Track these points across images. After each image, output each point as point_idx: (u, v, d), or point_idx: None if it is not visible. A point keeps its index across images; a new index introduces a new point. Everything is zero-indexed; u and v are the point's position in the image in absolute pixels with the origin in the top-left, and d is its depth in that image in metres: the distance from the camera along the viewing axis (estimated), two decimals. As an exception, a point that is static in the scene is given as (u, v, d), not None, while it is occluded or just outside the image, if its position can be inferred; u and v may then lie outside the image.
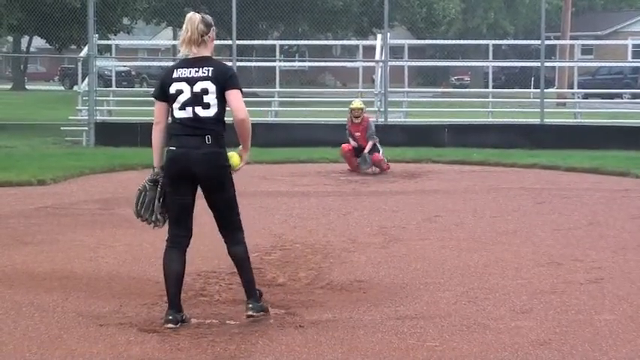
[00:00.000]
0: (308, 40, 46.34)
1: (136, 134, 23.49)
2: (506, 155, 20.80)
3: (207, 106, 6.75)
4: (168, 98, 6.86)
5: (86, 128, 24.07)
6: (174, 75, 6.83)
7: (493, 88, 31.56)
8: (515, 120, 25.92)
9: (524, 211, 13.22)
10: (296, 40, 46.00)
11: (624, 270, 9.20)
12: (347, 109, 27.74)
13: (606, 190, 15.63)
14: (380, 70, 26.14)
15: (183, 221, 7.00)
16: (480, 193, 15.32)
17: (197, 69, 6.78)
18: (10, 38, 52.28)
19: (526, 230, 11.56)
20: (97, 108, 25.33)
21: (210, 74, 6.76)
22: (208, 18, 6.93)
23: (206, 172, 6.80)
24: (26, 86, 54.82)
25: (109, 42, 32.48)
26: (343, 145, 18.51)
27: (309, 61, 57.47)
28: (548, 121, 24.49)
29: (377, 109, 24.94)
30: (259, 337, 6.70)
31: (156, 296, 7.84)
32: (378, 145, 18.29)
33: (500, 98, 32.82)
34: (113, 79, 33.01)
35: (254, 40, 37.31)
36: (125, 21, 36.99)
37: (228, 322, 7.08)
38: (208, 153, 6.77)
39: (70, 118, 26.33)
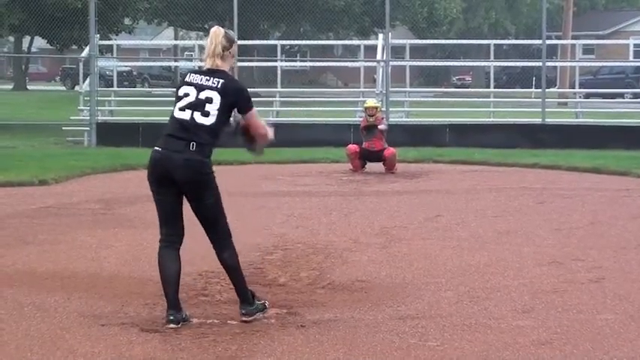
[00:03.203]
0: (309, 40, 46.34)
1: (138, 134, 23.51)
2: (508, 155, 20.80)
3: (206, 114, 6.87)
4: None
5: (88, 128, 24.09)
6: (187, 79, 7.04)
7: (494, 87, 31.56)
8: (517, 120, 25.93)
9: (525, 211, 13.22)
10: (297, 40, 45.98)
11: (625, 269, 9.20)
12: (349, 109, 28.04)
13: (607, 189, 15.63)
14: (381, 69, 26.14)
15: (171, 221, 7.05)
16: (481, 192, 15.33)
17: (208, 78, 6.95)
18: (11, 38, 52.29)
19: (527, 230, 11.56)
20: (99, 108, 25.36)
21: (219, 86, 6.91)
22: (231, 34, 7.13)
23: (184, 177, 6.86)
24: (27, 86, 54.81)
25: (110, 42, 32.48)
26: (349, 146, 18.55)
27: (311, 61, 57.46)
28: (549, 120, 24.50)
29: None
30: (261, 337, 6.70)
31: (157, 296, 7.83)
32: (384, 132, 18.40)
33: (501, 98, 32.83)
34: (114, 79, 33.04)
35: (255, 40, 37.32)
36: (126, 21, 37.01)
37: (229, 321, 7.09)
38: (189, 159, 6.83)
39: (72, 118, 26.34)
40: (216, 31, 7.06)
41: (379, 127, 18.36)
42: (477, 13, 65.91)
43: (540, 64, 25.63)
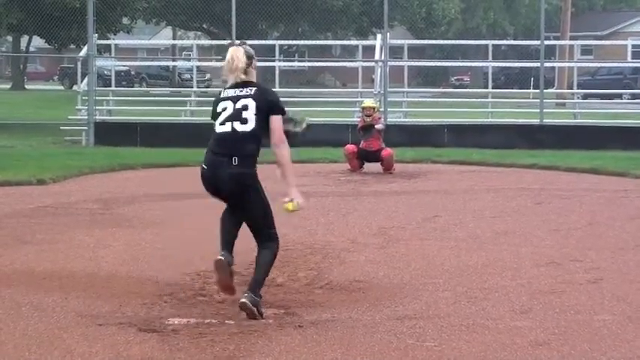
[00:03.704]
0: (307, 40, 46.32)
1: (136, 134, 23.52)
2: (506, 155, 20.80)
3: (245, 121, 7.17)
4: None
5: (86, 128, 24.08)
6: (222, 95, 7.36)
7: (493, 88, 31.57)
8: (515, 120, 25.91)
9: (523, 212, 13.22)
10: (295, 40, 45.97)
11: (623, 270, 9.21)
12: (347, 109, 28.03)
13: (605, 190, 15.63)
14: (379, 70, 26.13)
15: (225, 221, 7.46)
16: (479, 193, 15.33)
17: (242, 89, 7.28)
18: (9, 38, 52.23)
19: (525, 230, 11.57)
20: (97, 108, 25.34)
21: (252, 93, 7.25)
22: (250, 51, 7.43)
23: (230, 190, 7.23)
24: (26, 86, 54.74)
25: (108, 42, 32.47)
26: (347, 146, 18.55)
27: (309, 61, 57.47)
28: (547, 121, 24.50)
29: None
30: (258, 337, 6.70)
31: (155, 296, 7.85)
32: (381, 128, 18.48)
33: (499, 98, 32.81)
34: (112, 78, 33.03)
35: (253, 40, 37.29)
36: (124, 21, 36.98)
37: (227, 321, 7.09)
38: (234, 173, 7.16)
39: (70, 117, 26.32)
40: (236, 51, 7.32)
41: (376, 126, 18.37)
42: (475, 13, 65.88)
43: (538, 64, 25.62)
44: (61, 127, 25.54)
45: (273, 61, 32.11)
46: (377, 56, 27.41)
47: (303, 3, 42.48)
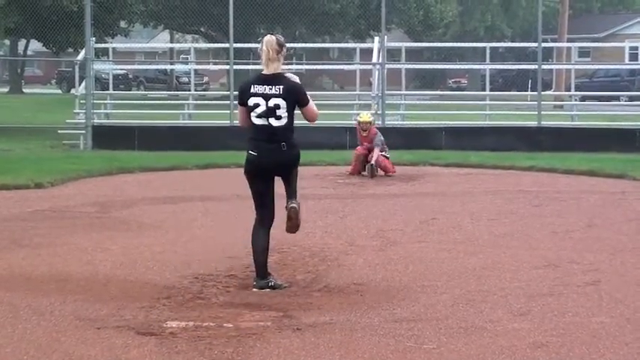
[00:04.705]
0: (305, 43, 46.32)
1: (134, 137, 23.52)
2: (504, 158, 20.81)
3: (279, 117, 8.21)
4: (246, 106, 8.28)
5: (83, 131, 24.08)
6: (252, 90, 8.22)
7: (490, 90, 31.65)
8: (513, 122, 25.94)
9: (521, 214, 13.23)
10: (293, 42, 45.93)
11: (621, 272, 9.21)
12: (344, 112, 28.00)
13: (603, 192, 15.64)
14: (377, 72, 26.15)
15: (265, 206, 8.42)
16: (477, 195, 15.33)
17: (271, 87, 8.20)
18: (7, 41, 52.27)
19: (523, 233, 11.57)
20: (95, 111, 25.34)
21: (281, 92, 8.18)
22: (281, 39, 8.37)
23: (282, 167, 8.39)
24: (23, 89, 54.75)
25: (106, 45, 32.48)
26: (358, 148, 18.43)
27: (307, 63, 57.48)
28: (545, 123, 24.52)
29: (374, 111, 24.92)
30: (256, 340, 6.70)
31: (153, 299, 7.84)
32: (386, 150, 18.28)
33: (497, 101, 32.84)
34: (110, 82, 33.06)
35: (251, 43, 37.33)
36: (122, 24, 36.99)
37: (225, 325, 7.08)
38: (288, 154, 8.34)
39: (68, 121, 26.29)
40: (269, 40, 8.24)
41: (383, 154, 18.17)
42: (472, 16, 65.88)
43: (536, 66, 25.65)
44: (59, 131, 25.52)
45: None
46: (374, 59, 27.42)
47: (300, 6, 42.50)
